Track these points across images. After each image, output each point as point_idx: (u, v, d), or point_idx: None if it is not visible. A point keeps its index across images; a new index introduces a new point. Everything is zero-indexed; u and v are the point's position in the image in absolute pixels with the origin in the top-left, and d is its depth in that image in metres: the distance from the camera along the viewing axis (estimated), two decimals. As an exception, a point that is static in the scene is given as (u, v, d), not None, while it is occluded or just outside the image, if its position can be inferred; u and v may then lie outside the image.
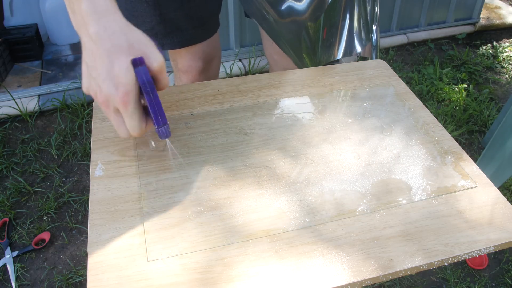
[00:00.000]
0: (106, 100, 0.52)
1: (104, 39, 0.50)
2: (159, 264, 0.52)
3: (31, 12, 2.16)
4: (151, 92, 0.52)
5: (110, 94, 0.50)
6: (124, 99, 0.50)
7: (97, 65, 0.50)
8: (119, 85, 0.50)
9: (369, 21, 0.93)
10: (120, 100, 0.50)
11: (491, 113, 1.97)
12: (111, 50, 0.50)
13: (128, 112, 0.52)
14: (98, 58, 0.50)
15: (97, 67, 0.50)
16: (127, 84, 0.50)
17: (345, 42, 0.91)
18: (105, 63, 0.50)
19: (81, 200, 1.54)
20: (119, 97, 0.50)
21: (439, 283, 1.36)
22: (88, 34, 0.51)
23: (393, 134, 0.72)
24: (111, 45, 0.50)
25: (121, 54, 0.50)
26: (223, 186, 0.62)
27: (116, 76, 0.50)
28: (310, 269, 0.52)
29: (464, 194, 0.62)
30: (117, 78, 0.50)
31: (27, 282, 1.32)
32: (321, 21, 0.90)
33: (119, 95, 0.50)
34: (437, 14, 2.44)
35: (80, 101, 1.87)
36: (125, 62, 0.50)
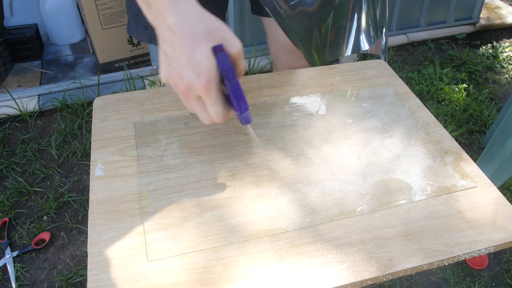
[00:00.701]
0: (188, 89, 0.51)
1: (183, 28, 0.50)
2: (159, 264, 0.52)
3: (31, 12, 2.16)
4: (232, 78, 0.51)
5: (192, 82, 0.50)
6: (207, 86, 0.50)
7: (177, 55, 0.50)
8: (201, 73, 0.50)
9: (378, 21, 0.93)
10: (203, 87, 0.50)
11: (491, 113, 1.97)
12: (191, 38, 0.50)
13: (211, 99, 0.51)
14: (178, 47, 0.50)
15: (177, 57, 0.50)
16: (209, 71, 0.50)
17: (353, 40, 0.91)
18: (186, 51, 0.50)
19: (81, 200, 1.54)
20: (202, 85, 0.50)
21: (439, 283, 1.36)
22: (166, 25, 0.51)
23: (393, 134, 0.72)
24: (191, 33, 0.50)
25: (201, 42, 0.50)
26: (223, 186, 0.62)
27: (197, 64, 0.49)
28: (310, 269, 0.52)
29: (464, 194, 0.62)
30: (199, 65, 0.49)
31: (27, 282, 1.32)
32: (330, 23, 0.90)
33: (202, 82, 0.50)
34: (437, 14, 2.44)
35: (80, 101, 1.87)
36: (206, 50, 0.50)
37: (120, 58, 2.07)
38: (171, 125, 0.71)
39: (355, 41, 0.92)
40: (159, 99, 0.77)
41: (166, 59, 0.53)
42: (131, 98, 0.77)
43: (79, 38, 2.27)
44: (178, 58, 0.50)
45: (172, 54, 0.51)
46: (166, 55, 0.52)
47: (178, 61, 0.50)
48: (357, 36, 0.91)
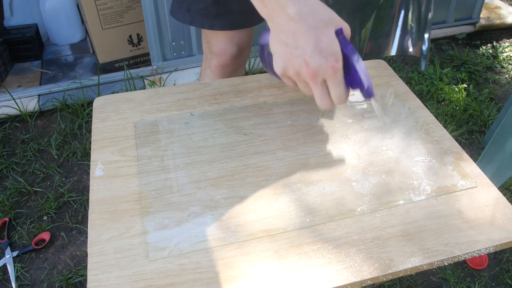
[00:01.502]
0: (315, 73, 0.55)
1: (306, 16, 0.53)
2: (159, 264, 0.52)
3: (31, 12, 2.16)
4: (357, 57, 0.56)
5: (319, 65, 0.54)
6: (335, 67, 0.54)
7: (301, 43, 0.53)
8: (328, 55, 0.53)
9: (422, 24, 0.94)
10: (332, 69, 0.54)
11: (491, 113, 1.97)
12: (315, 26, 0.53)
13: (338, 79, 0.55)
14: (302, 35, 0.53)
15: (301, 44, 0.53)
16: (336, 53, 0.54)
17: (398, 40, 0.92)
18: (311, 38, 0.53)
19: (81, 200, 1.54)
20: (330, 66, 0.54)
21: (439, 283, 1.36)
22: (287, 16, 0.54)
23: (393, 134, 0.72)
24: (315, 20, 0.54)
25: (325, 28, 0.54)
26: (223, 186, 0.62)
27: (324, 48, 0.53)
28: (310, 269, 0.52)
29: (464, 194, 0.62)
30: (326, 49, 0.53)
31: (27, 282, 1.32)
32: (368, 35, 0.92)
33: (330, 64, 0.53)
34: (437, 14, 2.44)
35: (80, 101, 1.87)
36: (331, 34, 0.54)
37: (120, 58, 2.07)
38: (171, 125, 0.71)
39: (400, 42, 0.93)
40: (159, 99, 0.77)
41: (286, 49, 0.55)
42: (131, 98, 0.77)
43: (79, 38, 2.27)
44: (302, 46, 0.53)
45: (294, 43, 0.54)
46: (287, 45, 0.55)
47: (302, 48, 0.53)
48: (402, 37, 0.93)
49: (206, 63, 1.13)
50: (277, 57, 0.57)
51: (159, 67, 2.01)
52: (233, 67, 1.10)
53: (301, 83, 0.58)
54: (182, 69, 2.02)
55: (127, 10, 1.96)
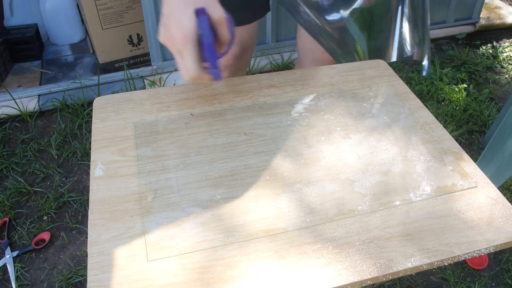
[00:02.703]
0: (172, 42, 0.63)
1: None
2: (159, 264, 0.52)
3: (31, 12, 2.16)
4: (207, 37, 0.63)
5: (174, 35, 0.62)
6: (184, 40, 0.61)
7: (169, 14, 0.62)
8: (181, 28, 0.61)
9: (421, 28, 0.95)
10: (181, 40, 0.61)
11: (491, 113, 1.97)
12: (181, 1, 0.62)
13: (187, 51, 0.62)
14: (171, 8, 0.62)
15: (169, 15, 0.62)
16: (187, 27, 0.61)
17: (397, 45, 0.94)
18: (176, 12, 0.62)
19: (81, 200, 1.54)
20: (180, 38, 0.61)
21: (439, 283, 1.36)
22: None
23: (393, 134, 0.72)
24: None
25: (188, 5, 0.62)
26: (223, 186, 0.62)
27: (181, 21, 0.61)
28: (310, 269, 0.52)
29: (464, 194, 0.62)
30: (181, 23, 0.61)
31: (27, 282, 1.32)
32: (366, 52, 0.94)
33: (180, 36, 0.61)
34: (437, 14, 2.44)
35: (80, 101, 1.87)
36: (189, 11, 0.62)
37: (120, 58, 2.07)
38: (171, 125, 0.71)
39: (400, 46, 0.95)
40: (159, 99, 0.77)
41: (163, 19, 0.64)
42: (131, 98, 0.77)
43: (79, 38, 2.27)
44: (169, 17, 0.62)
45: (166, 13, 0.63)
46: (163, 15, 0.64)
47: (169, 19, 0.62)
48: (402, 42, 0.94)
49: None
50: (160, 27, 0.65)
51: (159, 67, 2.01)
52: (235, 68, 1.09)
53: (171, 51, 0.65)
54: (182, 69, 2.02)
55: (127, 10, 1.96)
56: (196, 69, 0.64)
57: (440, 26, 2.47)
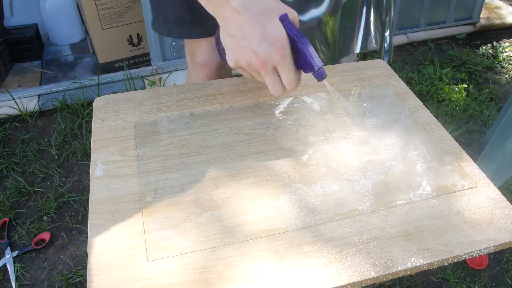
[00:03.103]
0: (265, 61, 0.56)
1: (250, 7, 0.55)
2: (159, 264, 0.52)
3: (31, 12, 2.16)
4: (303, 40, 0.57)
5: (267, 53, 0.55)
6: (282, 53, 0.55)
7: (247, 33, 0.55)
8: (275, 42, 0.54)
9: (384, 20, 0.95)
10: (279, 55, 0.55)
11: (491, 113, 1.97)
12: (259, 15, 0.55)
13: (286, 65, 0.56)
14: (247, 26, 0.55)
15: (248, 35, 0.55)
16: (281, 39, 0.55)
17: (362, 37, 0.93)
18: (256, 27, 0.54)
19: (81, 200, 1.54)
20: (278, 53, 0.55)
21: (439, 283, 1.36)
22: (232, 8, 0.55)
23: (393, 134, 0.72)
24: (259, 10, 0.55)
25: (270, 16, 0.55)
26: (223, 186, 0.62)
27: (270, 36, 0.54)
28: (310, 269, 0.52)
29: (464, 194, 0.62)
30: (272, 36, 0.54)
31: (27, 282, 1.32)
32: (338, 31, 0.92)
33: (278, 50, 0.55)
34: (437, 14, 2.44)
35: (80, 101, 1.87)
36: (275, 21, 0.55)
37: (120, 58, 2.07)
38: (171, 125, 0.71)
39: (363, 39, 0.94)
40: (159, 99, 0.77)
41: (235, 41, 0.57)
42: (131, 98, 0.77)
43: (79, 38, 2.27)
44: (249, 36, 0.55)
45: (241, 34, 0.55)
46: (235, 37, 0.56)
47: (249, 39, 0.55)
48: (365, 35, 0.93)
49: (192, 76, 1.11)
50: (228, 50, 0.58)
51: (159, 67, 2.01)
52: (217, 77, 1.09)
53: (254, 72, 0.59)
54: (182, 69, 2.02)
55: (127, 10, 1.96)
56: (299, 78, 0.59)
57: (440, 26, 2.47)
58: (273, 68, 0.57)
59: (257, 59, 0.56)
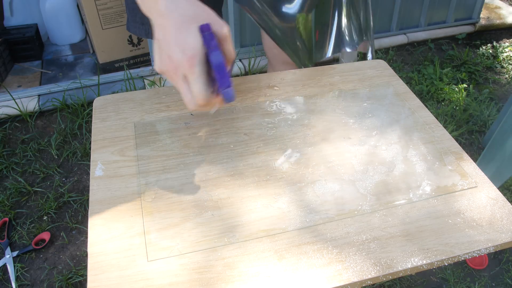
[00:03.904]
0: (175, 67, 0.54)
1: (172, 11, 0.54)
2: (159, 264, 0.52)
3: (31, 12, 2.16)
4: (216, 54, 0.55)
5: (178, 59, 0.53)
6: (191, 62, 0.53)
7: (166, 38, 0.54)
8: (186, 49, 0.53)
9: (362, 23, 0.94)
10: (187, 62, 0.53)
11: (491, 113, 1.97)
12: (179, 21, 0.54)
13: (194, 75, 0.54)
14: (168, 30, 0.54)
15: (167, 39, 0.54)
16: (193, 48, 0.53)
17: (334, 41, 0.93)
18: (174, 33, 0.54)
19: (81, 200, 1.54)
20: (186, 60, 0.53)
21: (439, 283, 1.36)
22: (158, 11, 0.55)
23: (393, 134, 0.72)
24: (179, 15, 0.54)
25: (189, 23, 0.54)
26: (223, 186, 0.62)
27: (183, 42, 0.53)
28: (310, 269, 0.52)
29: (464, 194, 0.62)
30: (185, 43, 0.53)
31: (27, 282, 1.32)
32: (313, 24, 0.91)
33: (186, 58, 0.53)
34: (437, 14, 2.44)
35: (80, 101, 1.87)
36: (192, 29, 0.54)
37: (120, 58, 2.07)
38: (171, 125, 0.71)
39: (336, 42, 0.93)
40: (159, 99, 0.77)
41: (157, 45, 0.56)
42: (131, 98, 0.77)
43: (79, 38, 2.27)
44: (167, 40, 0.54)
45: (163, 38, 0.54)
46: (159, 41, 0.55)
47: (167, 43, 0.54)
48: (338, 37, 0.93)
49: None
50: (154, 53, 0.57)
51: (159, 67, 2.00)
52: None
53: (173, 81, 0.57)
54: (182, 69, 2.01)
55: (127, 10, 1.95)
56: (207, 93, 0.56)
57: (440, 26, 2.47)
58: (184, 76, 0.55)
59: (170, 64, 0.55)
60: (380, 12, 2.31)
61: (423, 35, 2.44)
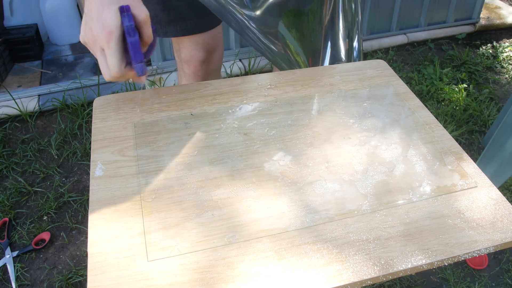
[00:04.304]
0: (94, 40, 0.62)
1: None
2: (159, 264, 0.52)
3: (31, 12, 2.16)
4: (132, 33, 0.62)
5: (97, 34, 0.61)
6: (108, 37, 0.61)
7: (92, 13, 0.62)
8: (105, 25, 0.61)
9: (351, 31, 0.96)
10: (104, 37, 0.61)
11: (491, 113, 1.97)
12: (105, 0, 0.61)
13: (110, 49, 0.61)
14: (93, 6, 0.61)
15: (91, 14, 0.62)
16: (111, 24, 0.60)
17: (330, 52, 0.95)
18: (98, 10, 0.61)
19: (81, 200, 1.54)
20: (104, 35, 0.61)
21: (439, 283, 1.36)
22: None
23: (393, 134, 0.72)
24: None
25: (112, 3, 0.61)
26: (223, 186, 0.62)
27: (104, 19, 0.61)
28: (310, 269, 0.52)
29: (464, 194, 0.62)
30: (105, 20, 0.61)
31: (27, 282, 1.32)
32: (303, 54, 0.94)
33: (104, 33, 0.61)
34: (437, 14, 2.44)
35: (80, 101, 1.87)
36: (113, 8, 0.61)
37: (120, 58, 2.07)
38: (171, 125, 0.71)
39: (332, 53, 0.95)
40: (159, 99, 0.77)
41: (84, 18, 0.64)
42: (131, 98, 0.77)
43: (79, 38, 2.27)
44: (91, 16, 0.62)
45: (89, 13, 0.62)
46: (85, 15, 0.63)
47: (91, 18, 0.62)
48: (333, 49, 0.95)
49: (180, 72, 1.14)
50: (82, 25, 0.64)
51: (159, 67, 2.01)
52: (204, 72, 1.10)
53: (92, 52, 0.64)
54: (182, 69, 2.02)
55: (127, 10, 1.95)
56: (120, 66, 0.63)
57: (440, 26, 2.47)
58: (101, 49, 0.62)
59: (91, 36, 0.62)
60: (380, 12, 2.31)
61: (423, 35, 2.44)
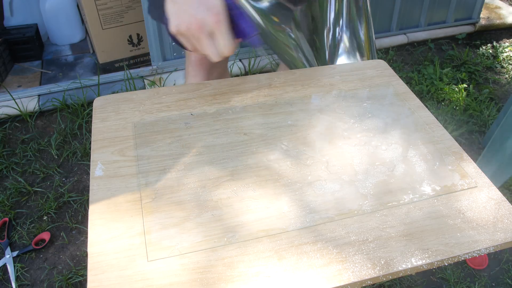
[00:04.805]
0: (201, 26, 0.59)
1: None
2: (159, 264, 0.52)
3: (31, 12, 2.16)
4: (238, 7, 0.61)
5: (204, 18, 0.59)
6: (218, 18, 0.59)
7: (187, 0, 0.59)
8: (212, 8, 0.58)
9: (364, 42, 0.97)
10: (214, 20, 0.59)
11: (491, 113, 1.97)
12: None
13: (221, 30, 0.60)
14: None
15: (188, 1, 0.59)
16: (218, 5, 0.59)
17: None
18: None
19: (81, 200, 1.54)
20: (213, 18, 0.59)
21: (439, 283, 1.36)
22: None
23: (393, 134, 0.72)
24: None
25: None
26: (223, 186, 0.62)
27: (207, 2, 0.58)
28: (310, 269, 0.52)
29: (464, 194, 0.62)
30: (209, 2, 0.58)
31: (27, 282, 1.32)
32: None
33: (213, 15, 0.58)
34: (437, 14, 2.44)
35: (80, 101, 1.87)
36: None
37: (120, 58, 2.07)
38: (171, 125, 0.71)
39: None
40: (159, 99, 0.77)
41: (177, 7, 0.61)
42: (131, 98, 0.77)
43: (79, 38, 2.27)
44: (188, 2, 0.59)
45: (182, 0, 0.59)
46: (177, 3, 0.60)
47: (189, 4, 0.59)
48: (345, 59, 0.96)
49: (187, 61, 1.14)
50: (170, 17, 0.61)
51: (159, 67, 2.01)
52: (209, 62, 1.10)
53: (194, 39, 0.62)
54: (182, 69, 2.02)
55: (127, 10, 1.96)
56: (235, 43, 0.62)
57: (440, 26, 2.47)
58: (209, 32, 0.60)
59: (195, 23, 0.59)
60: (380, 12, 2.31)
61: (423, 35, 2.44)
